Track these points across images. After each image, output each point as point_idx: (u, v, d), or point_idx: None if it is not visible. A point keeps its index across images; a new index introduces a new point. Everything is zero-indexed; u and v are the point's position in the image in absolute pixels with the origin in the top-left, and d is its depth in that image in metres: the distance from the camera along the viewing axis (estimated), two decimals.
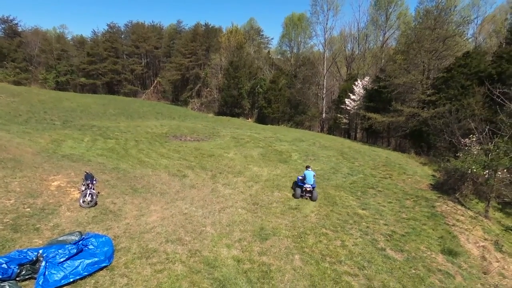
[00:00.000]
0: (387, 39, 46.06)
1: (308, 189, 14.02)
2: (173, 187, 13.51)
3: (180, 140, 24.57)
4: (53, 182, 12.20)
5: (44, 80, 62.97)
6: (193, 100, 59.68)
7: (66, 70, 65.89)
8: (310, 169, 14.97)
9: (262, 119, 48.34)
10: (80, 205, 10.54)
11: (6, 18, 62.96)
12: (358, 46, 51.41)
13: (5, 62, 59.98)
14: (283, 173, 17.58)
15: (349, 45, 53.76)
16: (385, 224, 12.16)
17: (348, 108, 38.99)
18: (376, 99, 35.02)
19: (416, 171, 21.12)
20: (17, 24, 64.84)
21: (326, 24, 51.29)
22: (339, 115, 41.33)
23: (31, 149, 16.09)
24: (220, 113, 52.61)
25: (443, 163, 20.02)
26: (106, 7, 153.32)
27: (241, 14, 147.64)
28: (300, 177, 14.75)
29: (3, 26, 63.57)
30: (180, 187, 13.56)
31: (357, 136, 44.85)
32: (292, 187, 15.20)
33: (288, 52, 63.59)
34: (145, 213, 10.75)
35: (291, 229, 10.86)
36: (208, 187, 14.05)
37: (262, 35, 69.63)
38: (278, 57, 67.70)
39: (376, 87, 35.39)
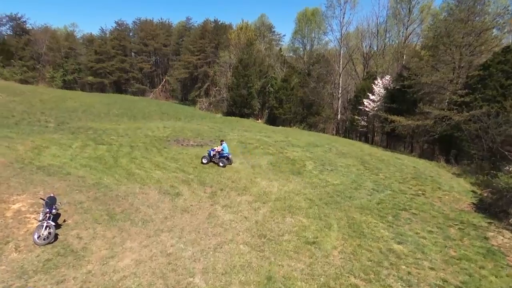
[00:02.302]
0: (409, 34, 42.47)
1: (228, 156, 17.54)
2: (161, 211, 10.98)
3: (182, 145, 22.09)
4: (14, 204, 9.87)
5: (51, 78, 61.86)
6: (201, 99, 57.33)
7: (73, 69, 64.70)
8: (224, 142, 18.15)
9: (272, 120, 45.57)
10: (34, 242, 8.12)
11: (14, 16, 62.06)
12: (377, 42, 47.94)
13: (12, 61, 59.05)
14: (296, 189, 14.86)
15: (366, 41, 50.32)
16: (432, 268, 9.30)
17: (366, 109, 35.81)
18: (399, 99, 31.75)
19: (452, 186, 18.03)
20: (25, 22, 63.96)
21: (343, 18, 48.00)
22: (356, 116, 38.15)
23: (3, 158, 13.85)
24: (228, 113, 50.07)
25: (486, 178, 16.92)
26: (114, 3, 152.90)
27: (252, 10, 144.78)
28: (215, 149, 17.64)
29: (11, 23, 62.68)
30: (169, 211, 11.01)
31: (375, 139, 41.59)
32: (207, 163, 17.34)
33: (301, 49, 60.55)
34: (116, 254, 8.25)
35: (308, 279, 8.16)
36: (205, 210, 11.46)
37: (274, 31, 66.85)
38: (290, 54, 64.72)
39: (398, 87, 32.12)
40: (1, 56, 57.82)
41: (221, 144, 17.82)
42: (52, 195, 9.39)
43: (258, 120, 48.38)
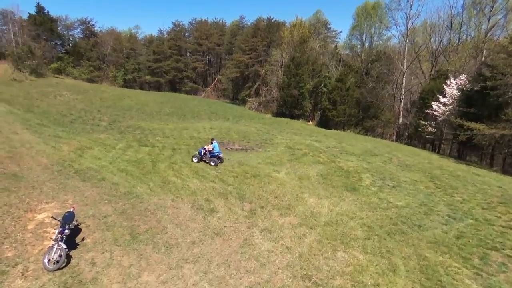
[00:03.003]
0: (492, 26, 36.23)
1: (219, 155, 16.91)
2: (190, 232, 9.57)
3: (226, 148, 20.87)
4: (39, 214, 9.24)
5: (113, 77, 65.96)
6: (251, 99, 56.35)
7: (133, 68, 68.28)
8: (215, 141, 17.35)
9: (325, 123, 42.63)
10: (43, 266, 7.15)
11: (84, 20, 67.38)
12: (450, 37, 41.96)
13: (81, 61, 64.15)
14: (351, 210, 12.49)
15: (436, 35, 44.48)
16: None
17: (435, 113, 31.23)
18: (478, 103, 26.92)
19: None
20: (93, 25, 69.06)
21: (410, 10, 43.05)
22: (422, 121, 33.60)
23: (46, 159, 13.75)
24: (278, 113, 48.24)
25: None
26: (173, 4, 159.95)
27: (308, 7, 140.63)
28: (205, 148, 16.96)
29: (81, 27, 68.15)
30: (199, 234, 9.56)
31: (444, 148, 36.39)
32: (198, 162, 16.66)
33: (359, 46, 56.28)
34: None
35: None
36: (240, 234, 9.80)
37: (329, 28, 63.23)
38: (347, 52, 60.65)
39: (477, 88, 27.29)
40: (72, 57, 63.05)
41: (212, 143, 17.31)
42: (72, 209, 8.50)
43: (309, 122, 45.79)
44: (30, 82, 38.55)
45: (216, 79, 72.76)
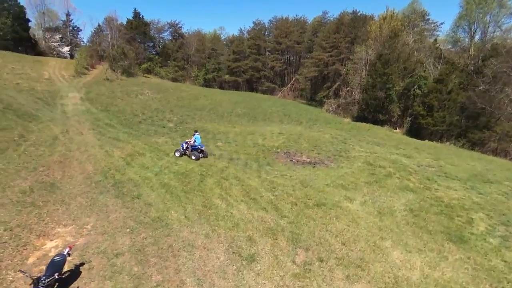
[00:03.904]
0: None
1: (202, 148, 16.48)
2: None
3: (291, 161, 18.01)
4: (51, 241, 7.95)
5: (195, 77, 68.80)
6: (329, 100, 51.88)
7: (213, 68, 70.14)
8: (197, 133, 16.82)
9: (416, 132, 36.00)
10: None
11: (173, 23, 71.83)
12: None
13: (168, 61, 68.55)
14: (459, 279, 8.39)
15: None
16: None
17: None
18: None
19: None
20: (180, 27, 73.11)
21: None
22: None
23: (92, 167, 13.03)
24: (359, 118, 42.96)
25: None
26: (256, 3, 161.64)
27: None
28: (187, 142, 16.46)
29: (170, 30, 72.83)
30: None
31: None
32: (180, 156, 16.11)
33: (466, 39, 46.54)
34: None
35: None
36: None
37: (428, 19, 54.13)
38: (449, 47, 51.04)
39: None
40: (161, 57, 67.76)
41: (194, 135, 16.78)
42: (66, 251, 6.72)
43: (395, 129, 39.46)
44: (120, 82, 41.72)
45: (294, 78, 69.94)
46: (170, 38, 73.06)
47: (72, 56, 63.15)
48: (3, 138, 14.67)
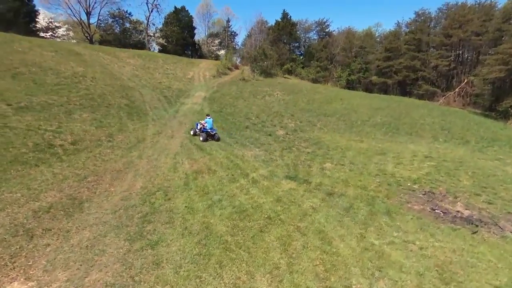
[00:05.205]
0: None
1: (212, 133, 17.12)
2: None
3: (432, 210, 11.41)
4: None
5: (337, 78, 63.47)
6: None
7: (359, 68, 62.82)
8: (209, 117, 17.54)
9: None
10: None
11: (320, 21, 68.56)
12: None
13: (311, 62, 65.91)
14: None
15: None
16: None
17: None
18: None
19: None
20: (328, 25, 69.04)
21: None
22: None
23: (142, 183, 10.99)
24: None
25: None
26: None
27: None
28: (201, 123, 17.33)
29: (317, 28, 69.88)
30: None
31: None
32: (194, 135, 17.41)
33: None
34: None
35: None
36: None
37: None
38: None
39: None
40: (304, 58, 65.86)
41: (205, 119, 17.46)
42: None
43: None
44: (254, 82, 41.65)
45: (466, 80, 54.03)
46: (316, 37, 70.16)
47: None
48: (92, 137, 14.87)
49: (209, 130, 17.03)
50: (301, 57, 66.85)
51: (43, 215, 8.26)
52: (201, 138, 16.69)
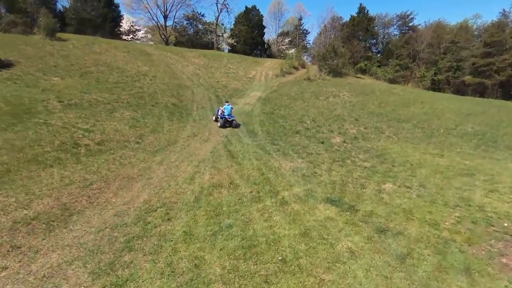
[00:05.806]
0: None
1: (229, 119, 17.78)
2: None
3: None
4: None
5: (420, 78, 55.69)
6: None
7: (448, 67, 54.08)
8: (228, 104, 18.38)
9: None
10: None
11: (403, 14, 61.18)
12: None
13: (390, 60, 59.24)
14: None
15: None
16: None
17: None
18: None
19: None
20: (412, 19, 61.25)
21: None
22: None
23: (147, 196, 9.53)
24: None
25: None
26: None
27: None
28: (221, 109, 18.12)
29: (399, 23, 62.63)
30: None
31: None
32: (215, 120, 18.43)
33: None
34: None
35: None
36: None
37: None
38: None
39: None
40: (382, 55, 59.51)
41: (225, 105, 18.23)
42: None
43: None
44: (320, 82, 38.56)
45: None
46: (398, 33, 62.89)
47: None
48: (121, 137, 14.20)
49: (226, 117, 17.65)
50: (378, 55, 60.53)
51: (21, 228, 7.42)
52: (219, 124, 17.57)
